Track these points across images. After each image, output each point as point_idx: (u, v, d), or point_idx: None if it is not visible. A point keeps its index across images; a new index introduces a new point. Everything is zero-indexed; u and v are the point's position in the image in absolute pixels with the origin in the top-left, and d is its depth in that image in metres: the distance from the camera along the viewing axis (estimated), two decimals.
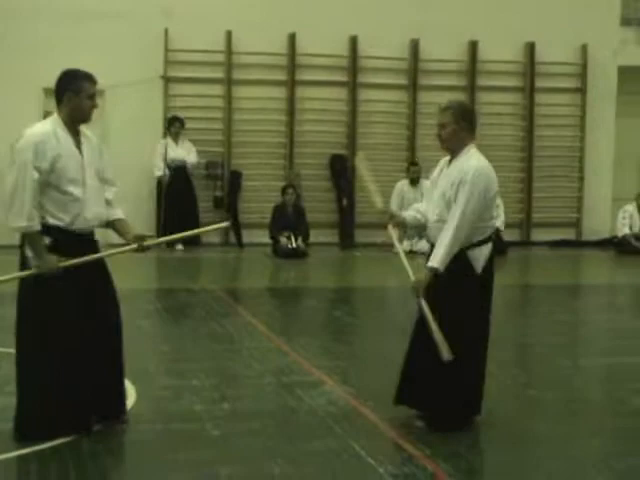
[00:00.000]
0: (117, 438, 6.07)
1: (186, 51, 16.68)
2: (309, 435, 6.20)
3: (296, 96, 17.41)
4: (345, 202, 17.38)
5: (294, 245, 15.81)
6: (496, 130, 17.99)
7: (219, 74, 17.04)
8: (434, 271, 6.22)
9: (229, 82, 17.12)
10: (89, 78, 6.13)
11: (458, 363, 6.11)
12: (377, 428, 6.35)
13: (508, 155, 18.01)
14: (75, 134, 6.09)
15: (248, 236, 16.88)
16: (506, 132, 18.06)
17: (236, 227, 16.88)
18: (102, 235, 6.41)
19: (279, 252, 15.76)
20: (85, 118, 6.12)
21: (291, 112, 17.37)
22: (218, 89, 17.14)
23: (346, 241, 17.38)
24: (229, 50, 17.07)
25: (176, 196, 16.28)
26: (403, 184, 17.03)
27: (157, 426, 6.21)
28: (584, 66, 18.40)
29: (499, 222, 5.86)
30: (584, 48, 18.32)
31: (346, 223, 17.47)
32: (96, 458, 5.67)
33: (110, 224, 6.36)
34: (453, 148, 6.44)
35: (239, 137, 17.25)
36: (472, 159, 6.34)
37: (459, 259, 6.24)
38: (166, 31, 16.65)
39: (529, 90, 18.09)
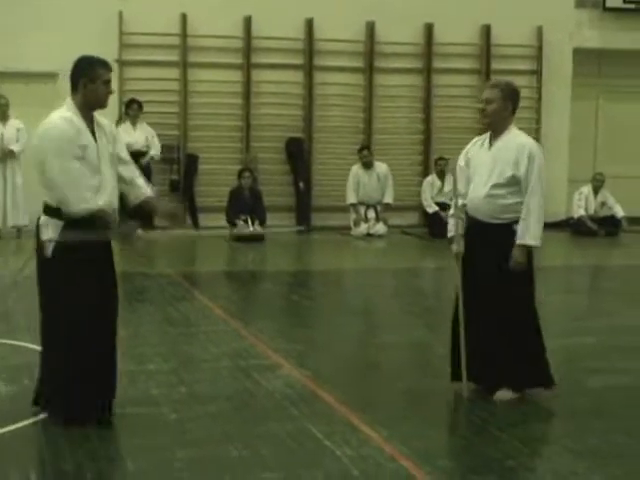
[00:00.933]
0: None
1: (141, 34, 16.53)
2: (266, 418, 6.18)
3: (252, 79, 17.33)
4: (302, 185, 17.34)
5: (251, 229, 15.77)
6: (452, 112, 18.04)
7: (174, 57, 16.92)
8: (527, 249, 6.52)
9: (185, 65, 17.01)
10: (104, 64, 6.13)
11: (529, 333, 6.58)
12: (334, 411, 6.34)
13: (465, 138, 17.85)
14: (89, 121, 6.06)
15: (205, 220, 16.80)
16: (463, 114, 18.04)
17: (193, 211, 16.81)
18: None
19: (236, 236, 15.69)
20: (101, 104, 6.12)
21: (247, 95, 17.29)
22: (174, 72, 17.01)
23: (303, 224, 17.36)
24: (184, 33, 16.95)
25: None
26: (358, 167, 17.04)
27: (114, 410, 6.15)
28: (539, 48, 18.44)
29: None
30: (539, 30, 18.36)
31: (302, 206, 17.44)
32: (52, 442, 5.62)
33: (139, 205, 6.35)
34: (494, 125, 6.63)
35: (195, 120, 17.16)
36: (522, 136, 6.68)
37: (508, 233, 6.50)
38: (120, 14, 16.50)
39: (485, 72, 18.10)
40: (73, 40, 15.82)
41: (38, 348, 6.38)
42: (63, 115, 6.01)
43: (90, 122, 6.07)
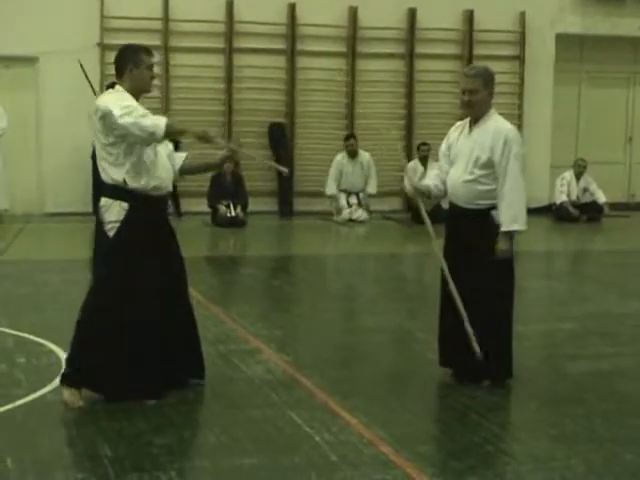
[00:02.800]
0: (52, 408, 5.99)
1: (122, 18, 16.44)
2: (245, 404, 6.16)
3: (234, 64, 17.28)
4: (281, 169, 17.26)
5: (233, 214, 15.74)
6: (434, 98, 18.04)
7: (156, 41, 16.79)
8: (510, 235, 6.49)
9: (166, 50, 16.94)
10: (147, 50, 6.36)
11: (500, 321, 6.57)
12: (314, 396, 6.33)
13: (447, 123, 17.79)
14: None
15: (186, 205, 16.76)
16: (445, 100, 18.03)
17: (174, 196, 16.75)
18: None
19: (218, 221, 15.68)
20: (147, 88, 6.44)
21: (229, 80, 17.24)
22: (155, 57, 16.90)
23: (285, 209, 17.34)
24: (166, 17, 16.89)
25: None
26: (342, 156, 17.00)
27: (92, 395, 6.13)
28: (522, 34, 18.45)
29: None
30: (522, 16, 18.36)
31: (285, 191, 17.41)
32: (29, 428, 5.60)
33: (185, 170, 6.65)
34: (479, 113, 6.60)
35: (177, 105, 17.08)
36: (500, 121, 6.61)
37: (488, 220, 6.50)
38: None
39: (467, 58, 18.08)
40: (54, 24, 15.83)
41: (15, 333, 6.34)
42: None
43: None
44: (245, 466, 5.09)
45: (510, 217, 6.44)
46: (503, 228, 6.44)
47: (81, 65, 13.89)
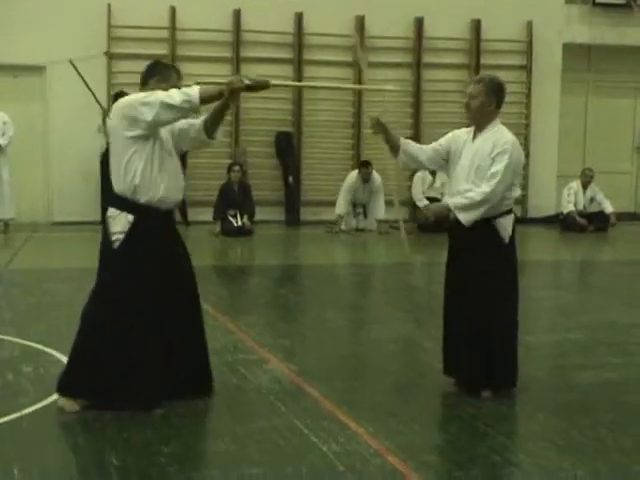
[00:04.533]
0: (59, 418, 5.99)
1: (130, 27, 16.49)
2: (253, 413, 6.16)
3: (241, 73, 17.27)
4: (291, 180, 17.33)
5: (240, 223, 15.75)
6: (441, 107, 18.05)
7: (163, 50, 16.86)
8: (448, 208, 6.55)
9: (173, 59, 16.93)
10: (178, 72, 6.46)
11: (501, 332, 6.51)
12: (320, 406, 6.33)
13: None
14: None
15: (194, 214, 16.77)
16: (452, 109, 18.00)
17: (182, 205, 16.78)
18: None
19: (225, 230, 15.69)
20: None
21: None
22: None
23: (292, 218, 17.34)
24: (173, 26, 16.92)
25: None
26: (356, 179, 16.83)
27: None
28: (529, 43, 18.46)
29: (519, 192, 6.42)
30: (529, 25, 18.37)
31: (292, 201, 17.42)
32: (36, 437, 5.60)
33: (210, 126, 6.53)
34: (478, 120, 6.61)
35: None
36: (503, 132, 6.59)
37: (489, 229, 6.50)
38: (109, 7, 16.46)
39: (475, 67, 18.09)
40: (61, 33, 15.88)
41: (22, 342, 6.34)
42: None
43: None
44: (252, 476, 5.08)
45: (462, 202, 6.45)
46: (448, 201, 6.57)
47: (72, 64, 13.91)
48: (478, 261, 6.46)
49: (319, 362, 7.59)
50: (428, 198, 16.58)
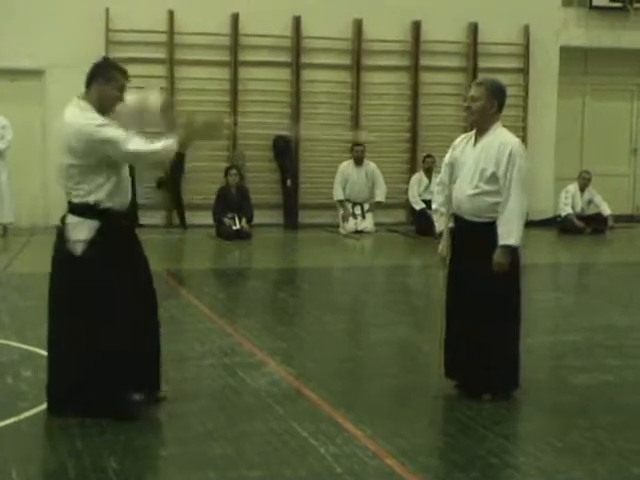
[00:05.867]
0: (58, 421, 5.99)
1: (128, 31, 16.48)
2: (250, 416, 6.17)
3: (239, 77, 17.31)
4: (289, 183, 17.34)
5: (238, 226, 15.75)
6: (439, 110, 18.06)
7: (161, 54, 16.89)
8: (511, 248, 6.49)
9: (171, 62, 16.98)
10: (123, 71, 6.17)
11: (503, 335, 6.54)
12: (318, 408, 6.34)
13: (452, 135, 17.79)
14: None
15: (192, 218, 16.78)
16: (449, 112, 18.08)
17: (180, 208, 16.80)
18: None
19: (223, 234, 15.69)
20: (109, 108, 6.14)
21: (234, 93, 17.26)
22: (161, 70, 16.97)
23: (290, 222, 17.34)
24: (171, 30, 16.92)
25: None
26: (348, 164, 17.07)
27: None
28: (526, 46, 18.46)
29: None
30: (526, 29, 18.38)
31: (290, 204, 17.43)
32: (35, 440, 5.61)
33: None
34: (480, 123, 6.63)
35: (182, 118, 17.07)
36: (506, 135, 6.63)
37: (493, 232, 6.49)
38: (107, 11, 16.46)
39: (472, 70, 18.09)
40: (59, 37, 15.87)
41: (21, 346, 6.34)
42: (88, 108, 6.04)
43: None
44: (250, 478, 5.09)
45: (506, 232, 6.45)
46: (504, 242, 6.46)
47: None
48: (481, 263, 6.47)
49: (317, 365, 7.60)
50: (424, 201, 16.61)
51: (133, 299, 6.12)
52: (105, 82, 6.06)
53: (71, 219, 6.09)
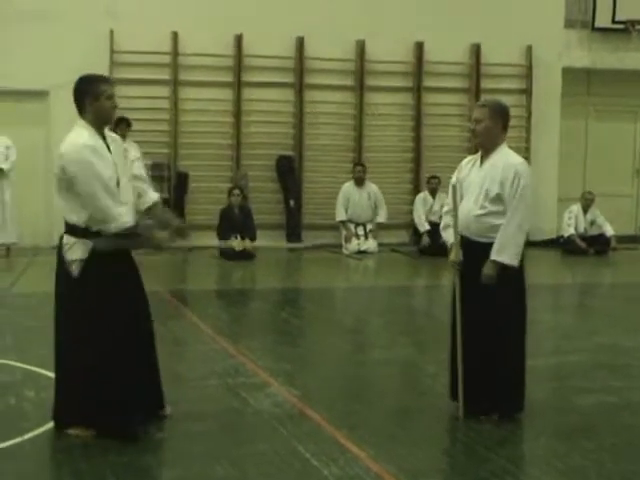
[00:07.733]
0: (61, 442, 5.99)
1: (132, 52, 16.53)
2: (253, 437, 6.17)
3: (243, 97, 17.34)
4: (292, 203, 17.35)
5: (241, 247, 15.73)
6: (442, 131, 18.08)
7: (165, 75, 16.92)
8: (503, 266, 6.46)
9: (175, 83, 17.02)
10: (104, 80, 6.23)
11: (508, 357, 6.55)
12: (321, 430, 6.33)
13: (455, 156, 17.97)
14: (103, 138, 6.11)
15: (195, 238, 16.76)
16: (453, 133, 18.10)
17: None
18: None
19: (226, 254, 15.69)
20: (108, 119, 6.21)
21: (238, 113, 17.29)
22: (164, 91, 17.00)
23: (293, 242, 17.34)
24: (175, 51, 16.96)
25: None
26: (349, 185, 17.12)
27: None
28: (529, 67, 18.50)
29: None
30: (529, 50, 18.43)
31: (293, 224, 17.44)
32: (37, 461, 5.60)
33: (148, 211, 6.45)
34: (485, 144, 6.66)
35: (185, 138, 17.14)
36: (511, 156, 6.66)
37: None
38: (111, 32, 16.51)
39: (475, 91, 18.13)
40: (64, 58, 15.88)
41: (24, 366, 6.34)
42: (87, 134, 6.02)
43: (104, 138, 6.12)
44: None
45: (499, 246, 6.45)
46: (495, 257, 6.45)
47: None
48: (487, 285, 6.47)
49: (320, 386, 7.59)
50: (430, 223, 16.60)
51: (130, 318, 6.13)
52: (94, 99, 6.06)
53: (67, 239, 6.13)
